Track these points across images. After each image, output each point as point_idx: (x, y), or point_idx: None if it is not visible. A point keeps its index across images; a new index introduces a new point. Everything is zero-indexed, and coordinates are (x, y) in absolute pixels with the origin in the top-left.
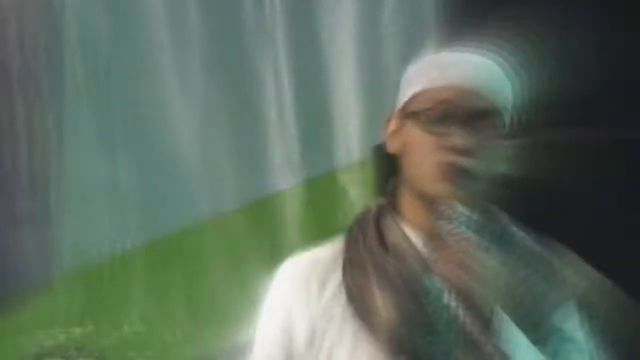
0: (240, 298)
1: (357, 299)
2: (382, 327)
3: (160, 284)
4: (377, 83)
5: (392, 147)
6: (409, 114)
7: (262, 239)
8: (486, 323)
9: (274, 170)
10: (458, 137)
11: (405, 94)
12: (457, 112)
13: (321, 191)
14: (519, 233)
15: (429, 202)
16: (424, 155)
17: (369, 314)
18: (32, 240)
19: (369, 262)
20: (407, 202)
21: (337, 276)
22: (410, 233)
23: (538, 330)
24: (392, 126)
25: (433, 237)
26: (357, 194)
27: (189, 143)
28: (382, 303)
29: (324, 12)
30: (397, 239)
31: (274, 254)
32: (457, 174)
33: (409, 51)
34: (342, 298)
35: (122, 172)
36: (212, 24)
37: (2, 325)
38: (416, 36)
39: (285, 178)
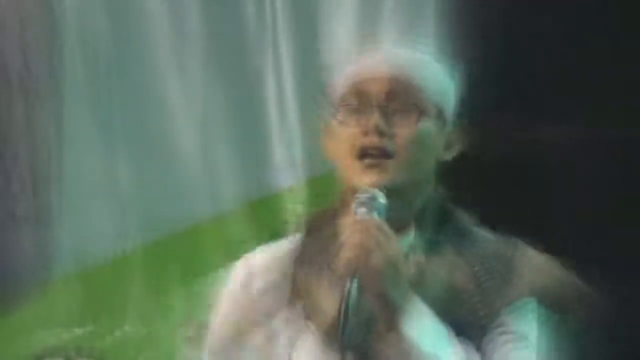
0: None
1: (305, 295)
2: (326, 324)
3: (161, 283)
4: None
5: (326, 154)
6: (330, 115)
7: (262, 238)
8: (393, 310)
9: (275, 170)
10: (370, 121)
11: (329, 103)
12: (370, 100)
13: (322, 190)
14: (479, 232)
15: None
16: (346, 149)
17: (315, 311)
18: (31, 240)
19: (324, 260)
20: (349, 199)
21: (271, 273)
22: None
23: (484, 325)
24: (324, 136)
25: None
26: None
27: (189, 143)
28: (329, 300)
29: (324, 12)
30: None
31: None
32: (374, 157)
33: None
34: (274, 294)
35: (122, 172)
36: (212, 24)
37: (2, 325)
38: (416, 36)
39: (286, 177)
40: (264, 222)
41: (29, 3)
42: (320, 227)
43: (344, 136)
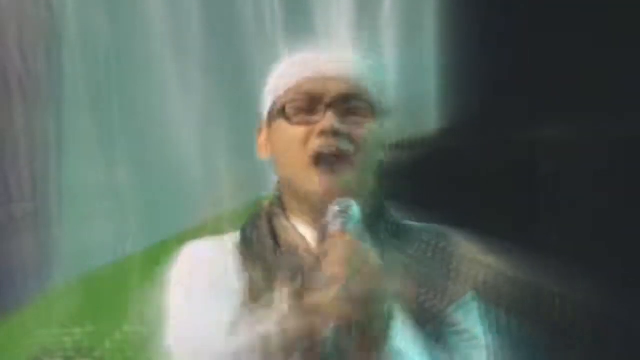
0: None
1: (258, 296)
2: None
3: (160, 284)
4: None
5: (263, 153)
6: (276, 113)
7: None
8: (383, 323)
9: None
10: (324, 121)
11: (268, 101)
12: (322, 99)
13: None
14: (414, 227)
15: (310, 198)
16: (296, 150)
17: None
18: (32, 243)
19: (268, 261)
20: (290, 201)
21: (216, 266)
22: (301, 230)
23: (434, 326)
24: (263, 136)
25: (320, 236)
26: None
27: (188, 146)
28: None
29: (323, 13)
30: (289, 237)
31: None
32: (329, 159)
33: (408, 51)
34: (218, 287)
35: (122, 174)
36: (212, 26)
37: (3, 327)
38: (415, 36)
39: None
40: None
41: (29, 3)
42: (255, 231)
43: (292, 136)
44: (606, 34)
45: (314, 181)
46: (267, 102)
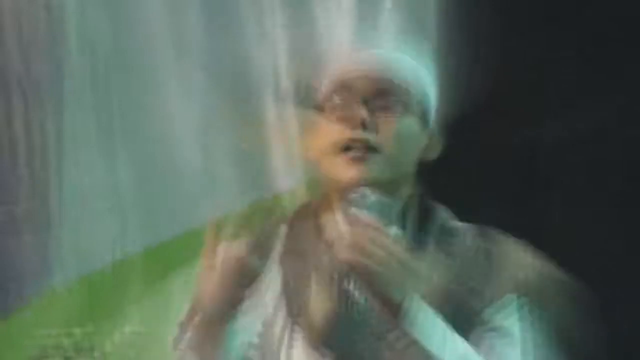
0: None
1: (294, 291)
2: (313, 325)
3: (161, 285)
4: None
5: (306, 153)
6: (316, 110)
7: None
8: (394, 309)
9: (275, 172)
10: (358, 112)
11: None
12: (358, 94)
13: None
14: (460, 228)
15: (339, 186)
16: (330, 141)
17: (302, 307)
18: (32, 243)
19: (309, 256)
20: (332, 195)
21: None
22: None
23: (469, 323)
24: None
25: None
26: None
27: (189, 146)
28: (317, 297)
29: (323, 14)
30: (334, 235)
31: None
32: (358, 150)
33: (408, 51)
34: (275, 289)
35: (122, 174)
36: (212, 26)
37: (3, 327)
38: (416, 36)
39: (285, 179)
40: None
41: (29, 3)
42: (302, 225)
43: (327, 132)
44: (607, 33)
45: (343, 170)
46: (311, 103)
